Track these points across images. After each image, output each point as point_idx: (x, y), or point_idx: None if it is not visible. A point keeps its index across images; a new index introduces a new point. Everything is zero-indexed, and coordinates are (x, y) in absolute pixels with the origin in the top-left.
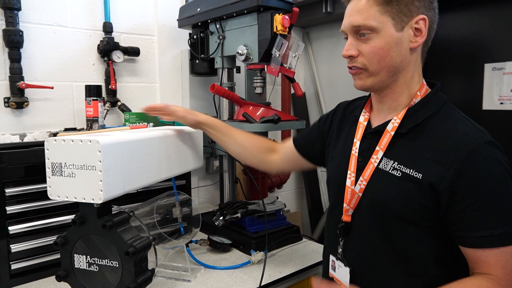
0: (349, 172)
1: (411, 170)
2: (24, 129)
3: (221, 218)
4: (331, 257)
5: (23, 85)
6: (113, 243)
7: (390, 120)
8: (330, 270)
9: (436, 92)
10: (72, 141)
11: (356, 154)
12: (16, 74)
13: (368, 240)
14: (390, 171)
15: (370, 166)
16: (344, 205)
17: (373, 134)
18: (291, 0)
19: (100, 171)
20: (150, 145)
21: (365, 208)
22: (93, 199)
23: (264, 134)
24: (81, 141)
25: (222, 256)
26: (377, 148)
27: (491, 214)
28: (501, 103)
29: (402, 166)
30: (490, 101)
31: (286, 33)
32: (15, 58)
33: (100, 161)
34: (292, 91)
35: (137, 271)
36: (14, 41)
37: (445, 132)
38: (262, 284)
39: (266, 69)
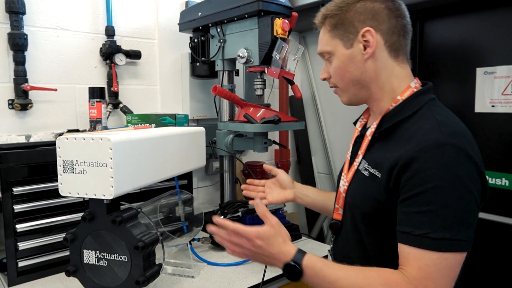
0: (343, 174)
1: (375, 170)
2: (28, 131)
3: (222, 217)
4: (329, 254)
5: (28, 87)
6: (122, 238)
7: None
8: None
9: (420, 94)
10: (84, 139)
11: (349, 157)
12: (20, 76)
13: (347, 237)
14: (362, 171)
15: (353, 168)
16: (335, 203)
17: (361, 138)
18: (290, 5)
19: (111, 168)
20: (157, 144)
21: (347, 207)
22: (104, 195)
23: (265, 134)
24: (93, 139)
25: (224, 253)
26: (359, 151)
27: (417, 213)
28: (493, 106)
29: (370, 167)
30: (482, 104)
31: (286, 36)
32: (19, 61)
33: (111, 158)
34: (290, 94)
35: (146, 265)
36: (19, 44)
37: (409, 134)
38: (264, 280)
39: (266, 72)
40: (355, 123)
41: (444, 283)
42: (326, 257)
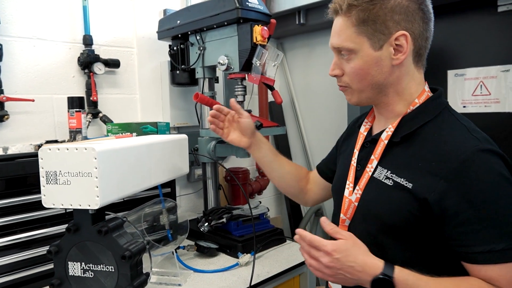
0: (347, 182)
1: (402, 179)
2: (5, 143)
3: (206, 224)
4: None
5: (4, 98)
6: (108, 248)
7: (385, 129)
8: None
9: (436, 98)
10: (67, 149)
11: (355, 164)
12: None
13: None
14: (383, 180)
15: (365, 175)
16: (341, 215)
17: (371, 143)
18: (268, 12)
19: (96, 178)
20: (141, 152)
21: (360, 217)
22: (89, 205)
23: None
24: (77, 149)
25: (210, 260)
26: (372, 157)
27: (490, 228)
28: (464, 107)
29: (394, 175)
30: (454, 105)
31: (266, 43)
32: None
33: (96, 168)
34: (269, 99)
35: (133, 275)
36: None
37: (438, 141)
38: (252, 284)
39: (247, 78)
40: (359, 127)
41: None
42: None
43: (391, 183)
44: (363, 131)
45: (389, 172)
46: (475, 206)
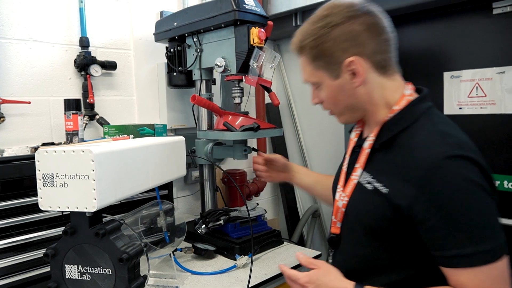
0: (338, 186)
1: (380, 185)
2: (1, 145)
3: (204, 226)
4: None
5: (0, 100)
6: (106, 251)
7: (368, 136)
8: None
9: (417, 103)
10: (64, 151)
11: (345, 169)
12: None
13: (348, 251)
14: (364, 185)
15: (350, 181)
16: (332, 217)
17: (359, 149)
18: (265, 14)
19: (94, 180)
20: (138, 154)
21: (347, 220)
22: (87, 208)
23: (244, 142)
24: (74, 152)
25: (207, 262)
26: (356, 164)
27: (457, 232)
28: (460, 108)
29: (374, 180)
30: (450, 107)
31: (263, 45)
32: None
33: (93, 170)
34: (267, 101)
35: (131, 277)
36: None
37: (411, 147)
38: (249, 286)
39: (244, 80)
40: (350, 132)
41: None
42: None
43: (371, 188)
44: (353, 137)
45: (371, 177)
46: (442, 212)
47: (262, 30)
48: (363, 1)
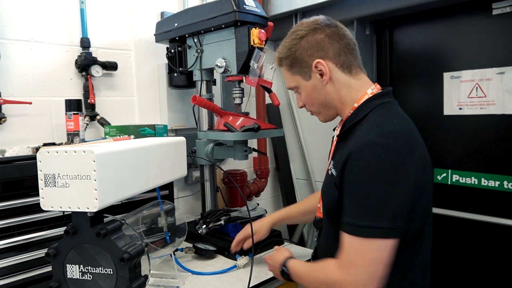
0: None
1: (334, 170)
2: (2, 145)
3: (204, 226)
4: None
5: (1, 101)
6: (107, 250)
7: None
8: None
9: (372, 100)
10: (66, 152)
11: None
12: None
13: (325, 232)
14: (329, 172)
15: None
16: (318, 204)
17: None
18: (266, 15)
19: (95, 180)
20: (139, 155)
21: (322, 203)
22: (88, 208)
23: (245, 142)
24: (75, 152)
25: (208, 262)
26: (330, 154)
27: (350, 204)
28: (460, 109)
29: (332, 167)
30: (450, 107)
31: (263, 46)
32: None
33: (95, 170)
34: (267, 102)
35: (132, 277)
36: None
37: (354, 136)
38: (250, 286)
39: (244, 81)
40: (334, 130)
41: (368, 268)
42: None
43: (330, 173)
44: (335, 133)
45: (332, 164)
46: (352, 188)
47: (263, 31)
48: (324, 17)
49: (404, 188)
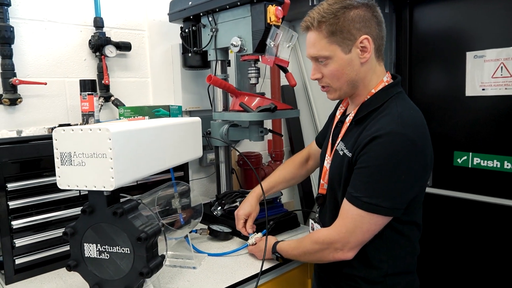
0: (326, 155)
1: (347, 151)
2: (18, 126)
3: (220, 208)
4: (311, 221)
5: (16, 81)
6: (124, 230)
7: (349, 114)
8: (310, 231)
9: (389, 88)
10: (81, 130)
11: (331, 140)
12: (8, 70)
13: (330, 207)
14: (339, 151)
15: (334, 149)
16: (321, 181)
17: (341, 124)
18: None
19: (111, 159)
20: (155, 134)
21: (329, 181)
22: (104, 187)
23: (260, 123)
24: (91, 130)
25: (223, 244)
26: (339, 135)
27: (360, 181)
28: (483, 89)
29: (345, 148)
30: (473, 88)
31: (280, 23)
32: (6, 55)
33: (111, 149)
34: (282, 83)
35: (149, 256)
36: (5, 37)
37: (374, 123)
38: (265, 269)
39: (260, 60)
40: (336, 108)
41: (358, 235)
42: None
43: (342, 153)
44: (338, 114)
45: (343, 145)
46: (364, 167)
47: (279, 8)
48: None
49: (412, 178)
